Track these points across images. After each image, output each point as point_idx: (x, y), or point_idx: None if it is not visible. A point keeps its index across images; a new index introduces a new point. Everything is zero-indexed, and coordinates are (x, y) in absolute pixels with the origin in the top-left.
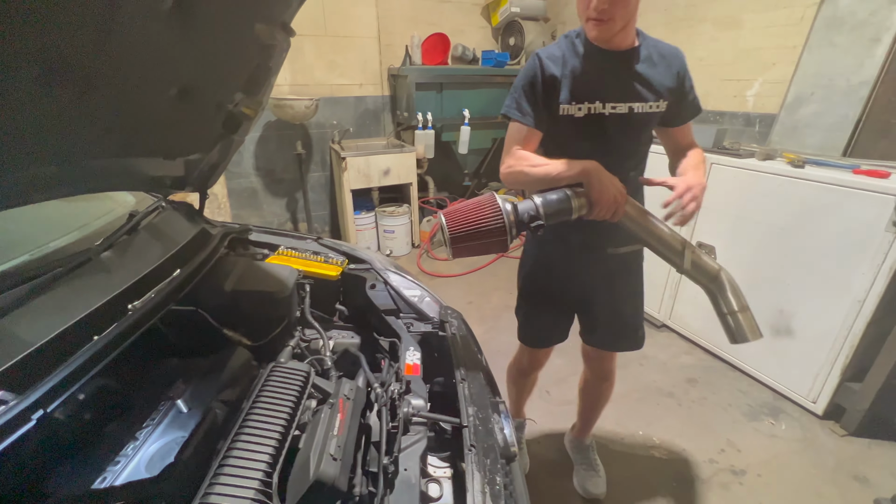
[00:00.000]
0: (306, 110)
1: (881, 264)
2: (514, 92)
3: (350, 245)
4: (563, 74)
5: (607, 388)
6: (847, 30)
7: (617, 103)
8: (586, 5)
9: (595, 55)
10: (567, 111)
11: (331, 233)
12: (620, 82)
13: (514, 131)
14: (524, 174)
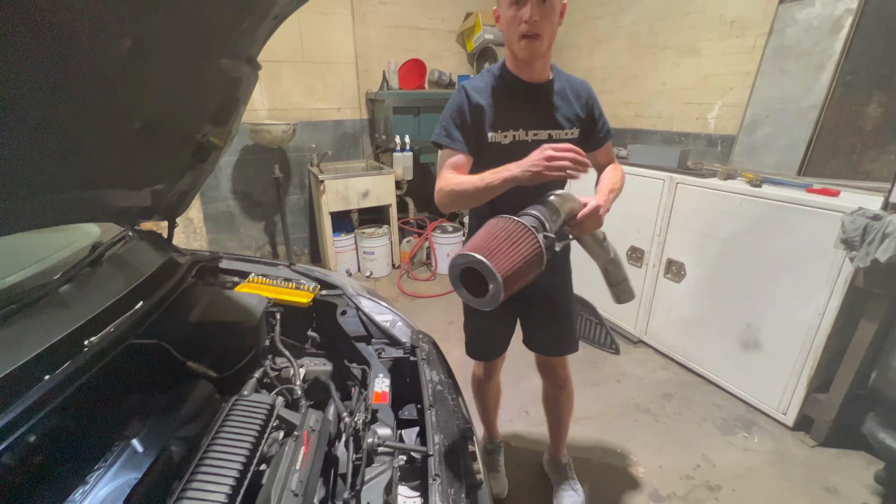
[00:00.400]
0: (283, 135)
1: (836, 278)
2: (442, 121)
3: (323, 270)
4: (488, 104)
5: (566, 397)
6: (794, 58)
7: (538, 130)
8: (518, 23)
9: (516, 87)
10: (494, 139)
11: (310, 255)
12: (539, 111)
13: (445, 158)
14: (455, 192)
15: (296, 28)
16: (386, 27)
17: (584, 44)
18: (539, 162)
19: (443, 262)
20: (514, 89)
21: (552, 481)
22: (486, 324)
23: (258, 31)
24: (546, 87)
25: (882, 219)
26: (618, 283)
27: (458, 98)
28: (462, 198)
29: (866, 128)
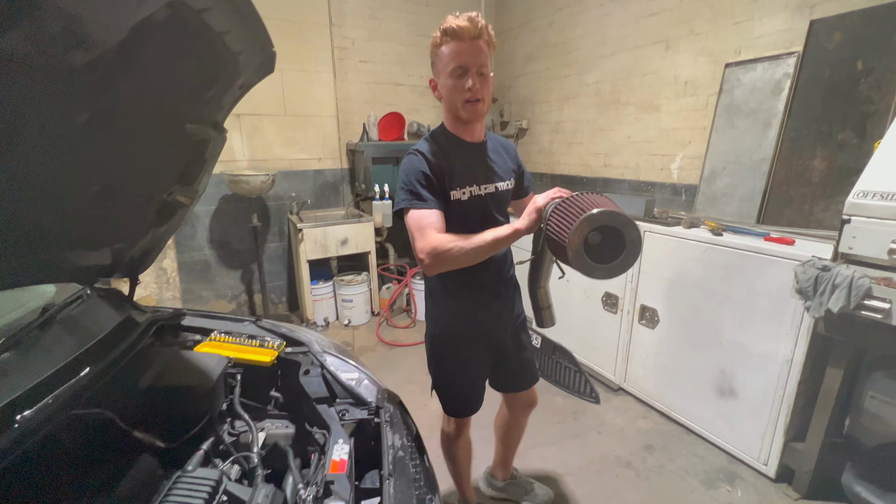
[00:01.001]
0: (262, 185)
1: (799, 325)
2: (406, 186)
3: (290, 326)
4: (446, 164)
5: (532, 409)
6: (743, 115)
7: (487, 184)
8: (461, 90)
9: (461, 148)
10: (455, 196)
11: (288, 303)
12: (484, 167)
13: (420, 218)
14: (463, 250)
15: (278, 84)
16: (366, 83)
17: (553, 99)
18: (533, 211)
19: (423, 308)
20: (460, 149)
21: (513, 496)
22: (466, 376)
23: (224, 99)
24: (483, 146)
25: (831, 270)
26: (547, 307)
27: (416, 162)
28: (468, 256)
29: (814, 180)
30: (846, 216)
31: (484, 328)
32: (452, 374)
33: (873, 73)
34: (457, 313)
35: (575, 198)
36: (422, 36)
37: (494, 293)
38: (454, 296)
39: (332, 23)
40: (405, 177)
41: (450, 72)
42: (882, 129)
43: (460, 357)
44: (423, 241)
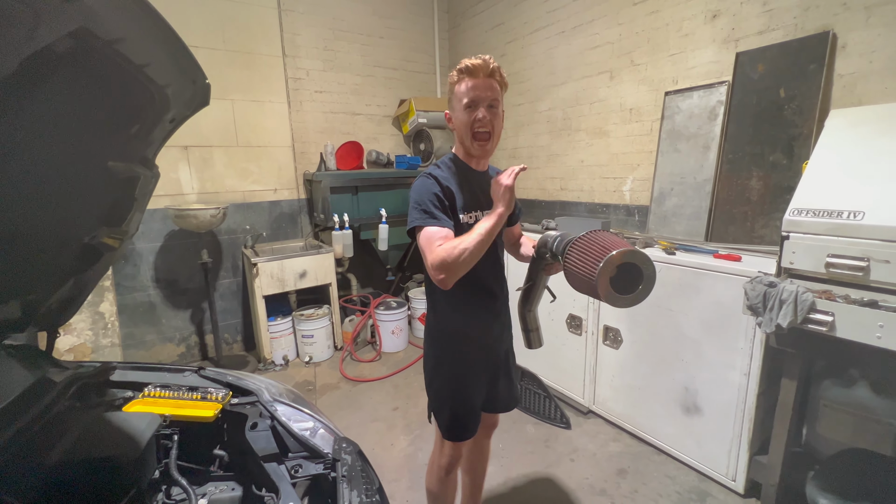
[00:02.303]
0: (212, 219)
1: (753, 339)
2: (420, 206)
3: (237, 373)
4: (456, 190)
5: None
6: (685, 139)
7: (478, 212)
8: (471, 122)
9: (469, 175)
10: (463, 220)
11: (243, 342)
12: (486, 196)
13: (432, 235)
14: (467, 250)
15: (229, 115)
16: (322, 113)
17: (509, 126)
18: (506, 191)
19: (387, 340)
20: (469, 177)
21: None
22: (470, 396)
23: (153, 134)
24: (487, 175)
25: (777, 286)
26: (535, 329)
27: (430, 185)
28: (472, 253)
29: (752, 198)
30: (785, 233)
31: (486, 348)
32: (456, 394)
33: (795, 99)
34: (461, 333)
35: (592, 236)
36: (378, 67)
37: (495, 313)
38: (459, 315)
39: (286, 54)
40: (418, 196)
41: (463, 106)
42: (807, 150)
43: (465, 376)
44: (432, 255)
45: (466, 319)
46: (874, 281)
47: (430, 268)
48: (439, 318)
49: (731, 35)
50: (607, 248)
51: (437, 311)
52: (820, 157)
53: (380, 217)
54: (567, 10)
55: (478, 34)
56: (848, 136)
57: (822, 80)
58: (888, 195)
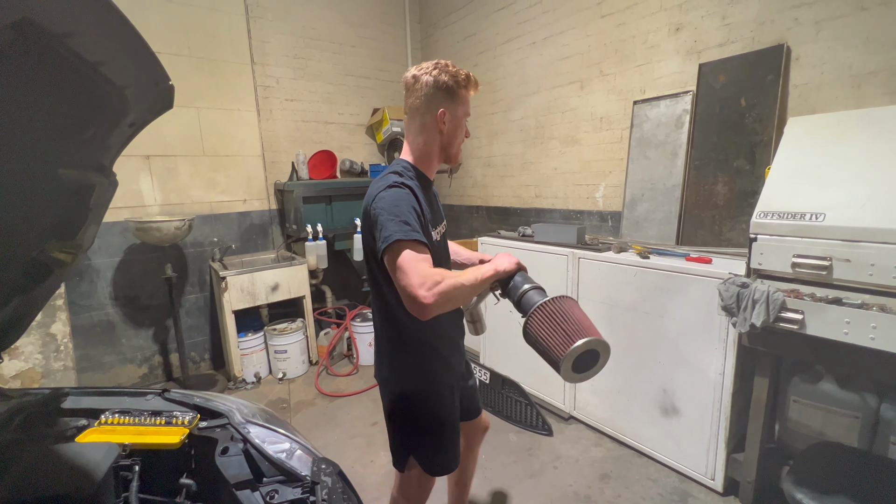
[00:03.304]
0: (177, 231)
1: (726, 339)
2: (401, 217)
3: (206, 394)
4: (425, 204)
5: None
6: (653, 147)
7: (442, 225)
8: (464, 133)
9: (427, 185)
10: (433, 236)
11: (212, 361)
12: (438, 208)
13: (414, 254)
14: (461, 287)
15: (195, 123)
16: (294, 122)
17: (483, 135)
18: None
19: (364, 353)
20: (426, 188)
21: None
22: (454, 425)
23: (109, 140)
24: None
25: (749, 286)
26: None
27: (409, 198)
28: (466, 296)
29: (719, 202)
30: (753, 235)
31: (455, 362)
32: (439, 428)
33: (755, 108)
34: (438, 361)
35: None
36: (350, 75)
37: (461, 330)
38: (436, 342)
39: (255, 61)
40: (394, 208)
41: (463, 113)
42: (768, 156)
43: (445, 406)
44: (421, 276)
45: (444, 344)
46: (837, 279)
47: (415, 287)
48: (411, 350)
49: (694, 47)
50: (575, 333)
51: (404, 341)
52: (781, 162)
53: (355, 227)
54: (537, 21)
55: (450, 44)
56: (805, 142)
57: (779, 90)
58: (845, 197)
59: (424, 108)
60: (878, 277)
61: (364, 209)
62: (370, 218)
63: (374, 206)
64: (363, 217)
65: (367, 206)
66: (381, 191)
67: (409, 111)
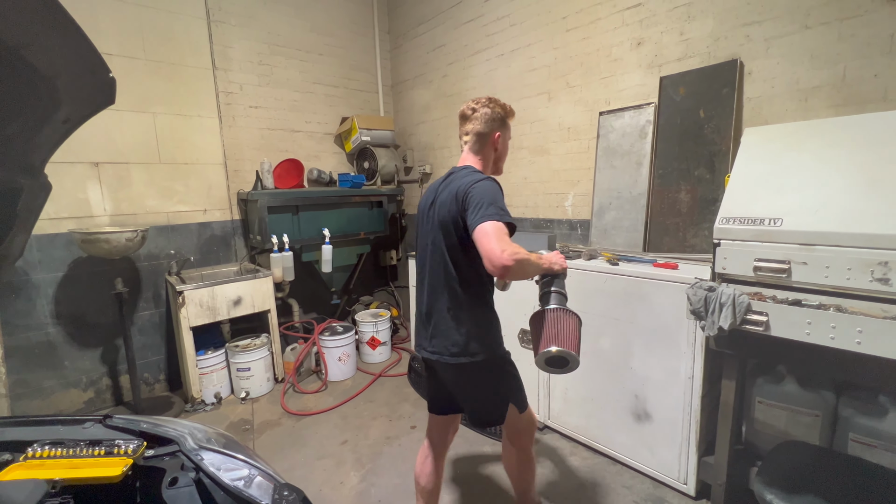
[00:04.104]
0: (129, 243)
1: (694, 343)
2: (496, 203)
3: (155, 419)
4: None
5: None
6: (619, 156)
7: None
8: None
9: None
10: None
11: (168, 382)
12: None
13: (505, 230)
14: (531, 263)
15: (150, 129)
16: (258, 129)
17: (454, 145)
18: (563, 264)
19: (334, 368)
20: None
21: None
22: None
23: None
24: None
25: (716, 290)
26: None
27: (500, 190)
28: (528, 271)
29: (682, 210)
30: (716, 240)
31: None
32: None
33: (713, 119)
34: (498, 327)
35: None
36: (318, 84)
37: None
38: (493, 311)
39: (216, 66)
40: (492, 196)
41: (508, 137)
42: (726, 165)
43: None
44: (509, 245)
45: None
46: (795, 281)
47: (499, 252)
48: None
49: (655, 61)
50: (555, 339)
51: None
52: (740, 170)
53: (323, 238)
54: (505, 34)
55: (419, 55)
56: (761, 151)
57: (734, 102)
58: (800, 203)
59: (485, 132)
60: (833, 279)
61: (456, 194)
62: (464, 200)
63: (472, 190)
64: (450, 202)
65: (460, 190)
66: (479, 181)
67: (471, 133)
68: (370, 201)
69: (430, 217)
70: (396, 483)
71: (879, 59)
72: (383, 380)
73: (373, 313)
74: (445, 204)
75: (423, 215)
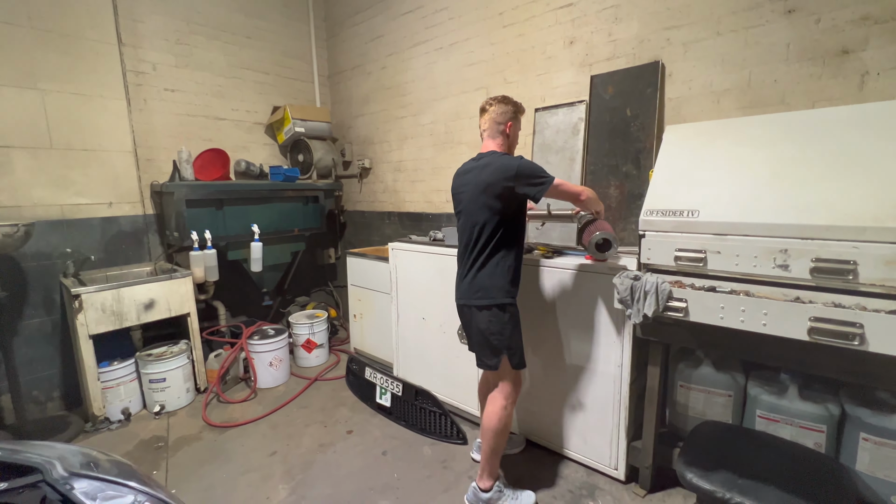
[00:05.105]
0: (6, 239)
1: (622, 332)
2: (544, 171)
3: (15, 444)
4: None
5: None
6: (554, 152)
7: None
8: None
9: None
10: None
11: (63, 399)
12: None
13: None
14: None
15: (38, 108)
16: (175, 115)
17: (393, 139)
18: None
19: (263, 374)
20: None
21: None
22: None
23: None
24: None
25: (641, 278)
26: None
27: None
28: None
29: (612, 205)
30: (641, 232)
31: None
32: (520, 332)
33: (639, 118)
34: (516, 280)
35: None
36: (247, 69)
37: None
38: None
39: (123, 42)
40: (535, 166)
41: (519, 129)
42: (650, 161)
43: (519, 317)
44: (579, 186)
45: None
46: (711, 269)
47: (581, 190)
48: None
49: (586, 60)
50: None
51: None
52: (662, 165)
53: (252, 234)
54: (444, 27)
55: (357, 45)
56: (680, 148)
57: (657, 102)
58: (714, 196)
59: (500, 122)
60: (742, 266)
61: (502, 169)
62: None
63: (521, 166)
64: (495, 176)
65: (507, 167)
66: (519, 160)
67: (489, 123)
68: (305, 196)
69: (469, 189)
70: (328, 493)
71: (778, 66)
72: (319, 384)
73: (309, 314)
74: (488, 178)
75: (461, 189)
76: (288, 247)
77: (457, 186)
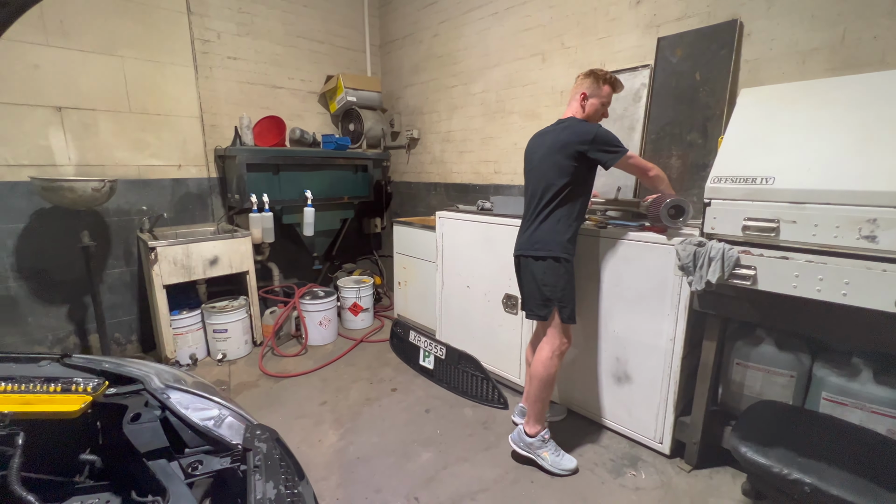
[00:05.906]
0: (95, 193)
1: (678, 305)
2: (620, 141)
3: (118, 359)
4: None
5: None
6: (612, 121)
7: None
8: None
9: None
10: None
11: (140, 342)
12: None
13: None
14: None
15: (119, 74)
16: (238, 83)
17: (442, 109)
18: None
19: (314, 332)
20: None
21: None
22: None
23: None
24: None
25: (706, 245)
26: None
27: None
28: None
29: (673, 175)
30: (707, 199)
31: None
32: (573, 288)
33: (709, 82)
34: (574, 240)
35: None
36: (302, 38)
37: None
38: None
39: (191, 10)
40: (612, 135)
41: (603, 103)
42: (720, 130)
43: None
44: (649, 162)
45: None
46: (783, 240)
47: (651, 167)
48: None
49: (653, 21)
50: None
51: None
52: (734, 130)
53: (305, 200)
54: None
55: (410, 12)
56: (756, 112)
57: (731, 65)
58: (792, 162)
59: (579, 93)
60: (821, 237)
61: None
62: (592, 140)
63: (600, 133)
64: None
65: (585, 132)
66: (598, 127)
67: (572, 93)
68: (355, 165)
69: (544, 149)
70: (375, 441)
71: (879, 20)
72: (365, 345)
73: (356, 279)
74: (567, 138)
75: (536, 149)
76: (338, 213)
77: (532, 146)
